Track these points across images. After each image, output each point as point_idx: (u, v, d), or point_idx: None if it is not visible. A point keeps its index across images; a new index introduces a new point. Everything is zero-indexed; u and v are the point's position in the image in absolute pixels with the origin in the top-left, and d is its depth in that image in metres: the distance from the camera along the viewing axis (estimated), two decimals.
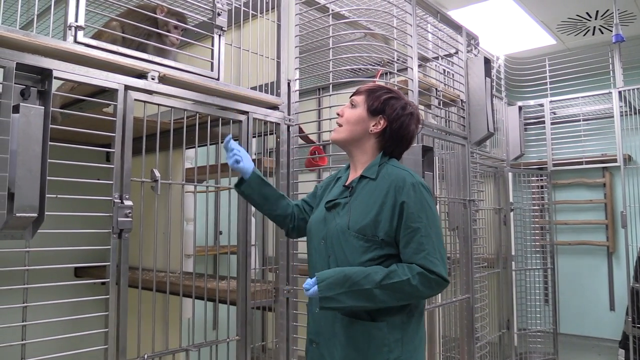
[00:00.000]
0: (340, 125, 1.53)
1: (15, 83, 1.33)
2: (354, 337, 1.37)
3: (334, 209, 1.49)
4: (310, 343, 1.49)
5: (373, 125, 1.49)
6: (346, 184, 1.52)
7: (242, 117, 1.97)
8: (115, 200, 1.53)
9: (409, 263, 1.36)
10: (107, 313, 1.50)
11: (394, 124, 1.49)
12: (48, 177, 1.33)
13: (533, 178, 4.56)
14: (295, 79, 2.25)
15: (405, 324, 1.38)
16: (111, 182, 1.54)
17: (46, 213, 1.33)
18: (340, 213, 1.46)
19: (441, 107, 2.74)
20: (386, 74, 2.83)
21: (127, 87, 1.60)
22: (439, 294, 2.23)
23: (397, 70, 2.35)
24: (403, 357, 1.36)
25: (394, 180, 1.41)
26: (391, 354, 1.35)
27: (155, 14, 1.96)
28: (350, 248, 1.40)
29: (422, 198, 1.38)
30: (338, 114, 1.54)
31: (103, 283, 1.56)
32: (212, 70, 1.88)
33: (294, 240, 2.17)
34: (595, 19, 4.42)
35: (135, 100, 1.62)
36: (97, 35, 1.82)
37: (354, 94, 1.55)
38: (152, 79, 1.67)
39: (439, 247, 1.38)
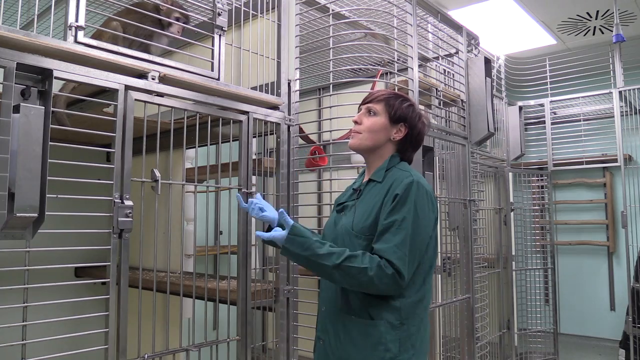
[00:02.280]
0: (358, 133, 1.54)
1: (15, 83, 1.33)
2: (353, 334, 1.40)
3: (342, 211, 1.55)
4: (317, 340, 1.54)
5: (395, 133, 1.53)
6: (355, 187, 1.59)
7: (243, 117, 1.97)
8: (116, 200, 1.53)
9: (373, 253, 1.37)
10: (107, 313, 1.50)
11: (414, 131, 1.54)
12: (48, 177, 1.33)
13: (533, 178, 4.55)
14: (296, 79, 2.25)
15: (404, 324, 1.39)
16: (111, 182, 1.53)
17: (46, 213, 1.33)
18: (347, 214, 1.52)
19: (441, 107, 2.74)
20: (386, 74, 2.83)
21: (128, 87, 1.60)
22: (432, 294, 2.13)
23: (398, 70, 2.35)
24: (400, 358, 1.36)
25: (395, 181, 1.45)
26: (387, 353, 1.35)
27: (158, 7, 1.96)
28: (353, 248, 1.42)
29: (410, 194, 1.39)
30: (355, 122, 1.56)
31: (103, 283, 1.56)
32: (212, 70, 1.89)
33: None
34: (596, 19, 4.42)
35: (136, 100, 1.62)
36: (98, 35, 1.81)
37: (370, 101, 1.55)
38: (153, 79, 1.67)
39: (413, 245, 1.36)
